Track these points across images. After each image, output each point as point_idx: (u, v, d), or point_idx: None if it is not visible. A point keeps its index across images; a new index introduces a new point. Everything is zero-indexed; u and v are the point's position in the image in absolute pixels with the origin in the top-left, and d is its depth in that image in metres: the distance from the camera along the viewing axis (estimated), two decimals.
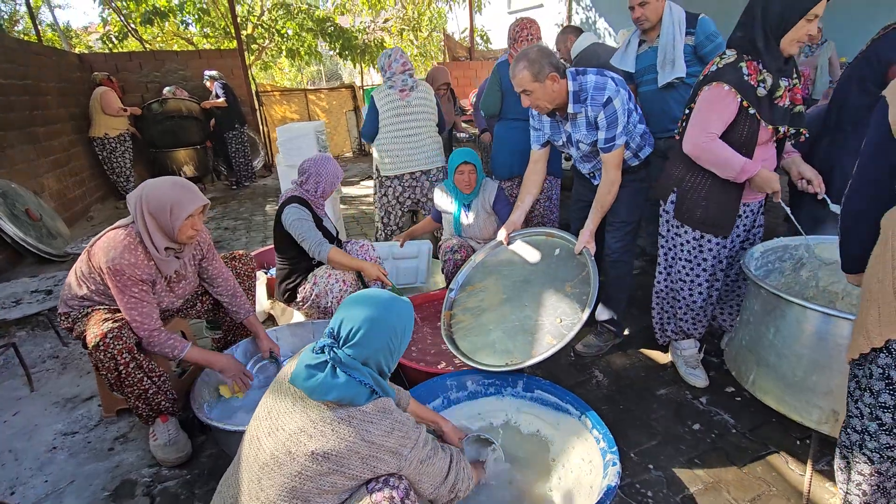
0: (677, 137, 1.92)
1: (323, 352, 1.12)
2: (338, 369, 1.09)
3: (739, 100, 1.66)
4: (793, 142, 1.83)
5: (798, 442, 1.78)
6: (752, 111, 1.67)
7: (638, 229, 2.29)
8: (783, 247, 1.93)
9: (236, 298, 2.15)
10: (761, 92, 1.66)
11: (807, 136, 1.80)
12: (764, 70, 1.65)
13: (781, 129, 1.73)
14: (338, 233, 2.65)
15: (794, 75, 1.74)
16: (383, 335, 1.13)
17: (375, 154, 3.23)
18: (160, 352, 1.84)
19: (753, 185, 1.76)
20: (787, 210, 1.90)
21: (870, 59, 2.05)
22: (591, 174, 2.25)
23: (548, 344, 1.85)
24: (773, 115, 1.70)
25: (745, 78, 1.65)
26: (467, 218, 2.76)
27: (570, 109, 1.97)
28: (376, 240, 3.42)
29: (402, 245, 3.07)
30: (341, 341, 1.12)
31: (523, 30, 2.81)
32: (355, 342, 1.11)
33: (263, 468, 1.08)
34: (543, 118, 2.15)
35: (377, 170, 3.26)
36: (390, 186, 3.23)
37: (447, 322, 2.18)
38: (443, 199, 2.87)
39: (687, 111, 1.85)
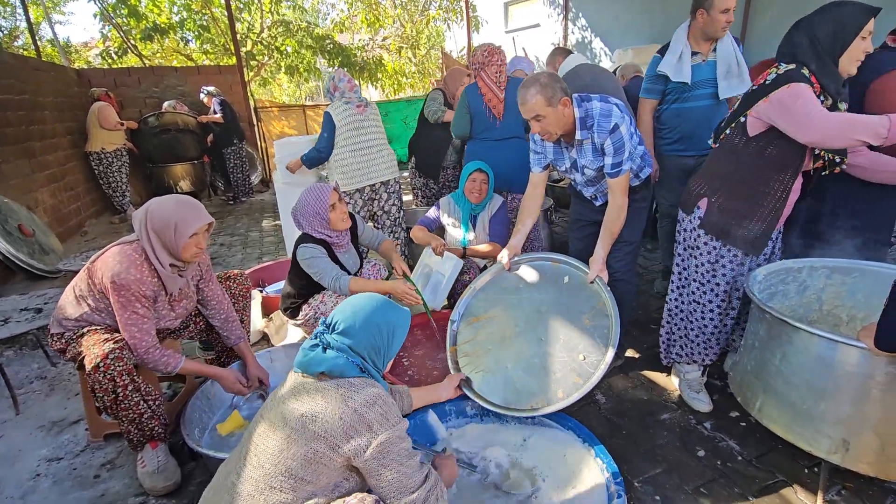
0: (714, 146, 1.89)
1: (316, 338, 1.28)
2: (327, 350, 1.23)
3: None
4: (826, 172, 1.78)
5: (807, 470, 1.73)
6: None
7: (639, 249, 2.27)
8: (786, 269, 1.91)
9: (228, 323, 2.11)
10: (826, 104, 1.62)
11: (845, 167, 1.75)
12: (823, 90, 1.61)
13: (827, 156, 1.70)
14: (362, 258, 2.58)
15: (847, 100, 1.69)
16: (367, 331, 1.27)
17: (326, 172, 3.21)
18: (155, 368, 1.80)
19: None
20: None
21: (851, 83, 2.05)
22: (594, 197, 2.23)
23: (574, 384, 1.78)
24: None
25: (814, 88, 1.60)
26: (472, 232, 2.73)
27: (577, 136, 1.94)
28: None
29: (439, 252, 2.64)
30: (331, 328, 1.28)
31: (493, 55, 2.83)
32: (341, 331, 1.26)
33: (260, 435, 1.20)
34: (546, 143, 2.13)
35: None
36: (349, 202, 3.22)
37: (454, 358, 2.04)
38: (447, 210, 2.82)
39: (742, 119, 1.75)
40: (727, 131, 1.84)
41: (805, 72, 1.61)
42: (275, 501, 1.12)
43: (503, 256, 2.21)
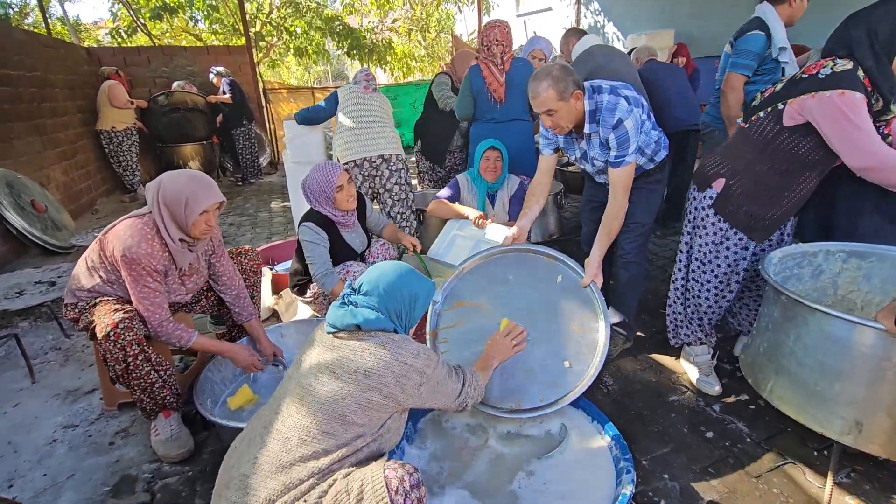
0: (745, 125, 1.82)
1: (344, 299, 1.33)
2: (358, 307, 1.29)
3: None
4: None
5: (816, 453, 1.73)
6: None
7: (651, 232, 2.25)
8: (802, 253, 1.89)
9: (240, 300, 2.12)
10: (876, 106, 1.55)
11: None
12: (875, 89, 1.54)
13: None
14: (370, 238, 2.57)
15: None
16: (391, 296, 1.32)
17: (333, 147, 3.23)
18: (167, 341, 1.82)
19: None
20: None
21: None
22: (607, 183, 2.20)
23: (556, 391, 1.77)
24: None
25: (868, 90, 1.53)
26: (492, 209, 2.71)
27: (586, 129, 1.91)
28: None
29: (481, 224, 2.51)
30: (358, 292, 1.33)
31: (489, 31, 2.80)
32: (367, 293, 1.32)
33: (306, 388, 1.24)
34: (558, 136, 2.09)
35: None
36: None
37: (433, 342, 1.93)
38: (465, 187, 2.79)
39: (781, 106, 1.65)
40: (761, 113, 1.75)
41: (861, 73, 1.53)
42: (325, 445, 1.19)
43: (508, 236, 2.10)
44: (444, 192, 2.82)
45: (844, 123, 1.51)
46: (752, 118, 1.79)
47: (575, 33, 3.44)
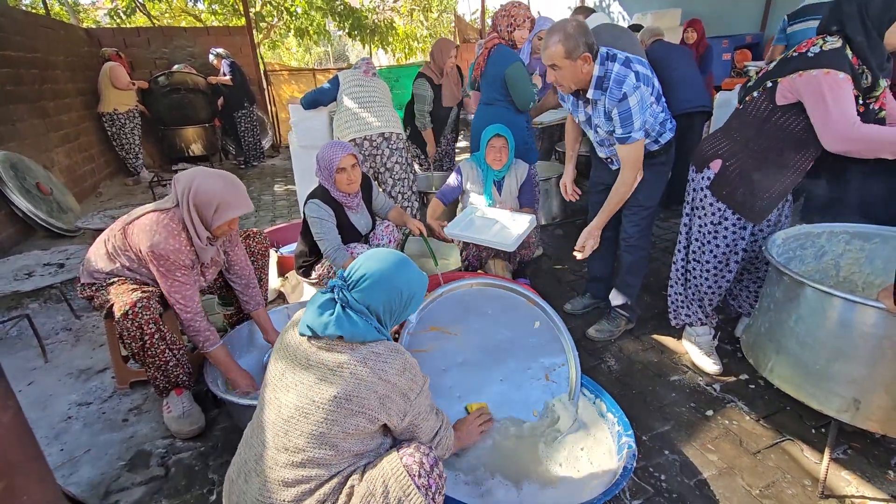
0: (739, 107, 1.83)
1: (332, 291, 1.20)
2: (346, 309, 1.16)
3: (852, 89, 1.54)
4: None
5: (813, 430, 1.77)
6: (860, 101, 1.56)
7: (655, 214, 2.26)
8: (805, 234, 1.90)
9: (249, 289, 2.14)
10: (865, 83, 1.56)
11: None
12: (863, 65, 1.55)
13: None
14: (374, 220, 2.59)
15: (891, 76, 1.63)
16: (386, 291, 1.20)
17: (334, 126, 3.26)
18: (194, 338, 1.84)
19: None
20: None
21: None
22: (609, 160, 2.21)
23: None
24: (864, 116, 1.59)
25: (856, 68, 1.54)
26: (499, 196, 2.71)
27: (589, 94, 1.92)
28: None
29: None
30: (350, 284, 1.20)
31: (520, 17, 2.76)
32: (361, 288, 1.18)
33: (288, 421, 1.12)
34: (567, 95, 2.11)
35: None
36: None
37: None
38: (470, 175, 2.77)
39: (770, 84, 1.69)
40: (754, 94, 1.78)
41: (849, 52, 1.53)
42: (326, 471, 1.12)
43: (566, 185, 2.39)
44: (451, 179, 2.80)
45: (821, 103, 1.55)
46: (747, 98, 1.81)
47: (583, 11, 3.42)
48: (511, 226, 2.50)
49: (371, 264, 1.21)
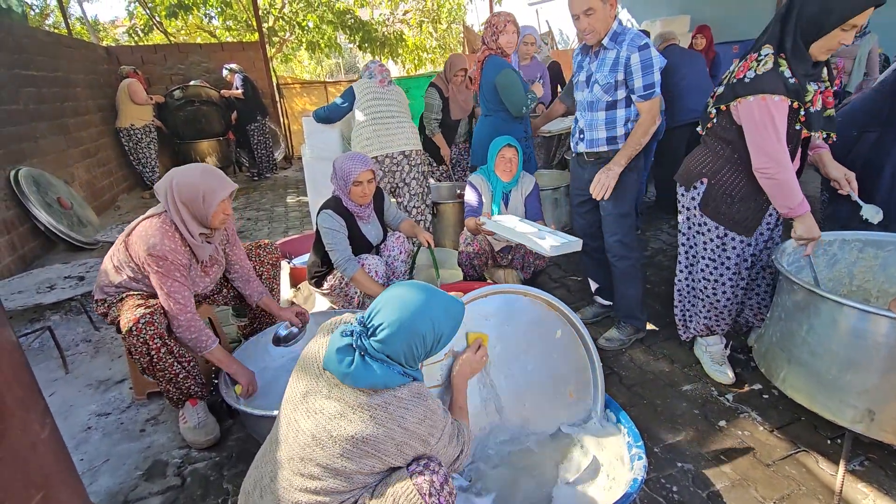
0: (710, 126, 1.86)
1: (351, 335, 1.14)
2: (366, 357, 1.11)
3: (790, 102, 1.59)
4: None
5: (829, 441, 1.75)
6: (802, 111, 1.60)
7: (633, 220, 2.25)
8: (817, 242, 1.88)
9: (249, 282, 2.19)
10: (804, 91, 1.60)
11: (835, 140, 1.75)
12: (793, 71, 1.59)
13: (815, 134, 1.69)
14: (385, 231, 2.61)
15: (825, 78, 1.67)
16: (406, 340, 1.12)
17: (353, 143, 3.23)
18: (191, 340, 1.85)
19: (796, 228, 1.70)
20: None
21: None
22: (581, 135, 2.21)
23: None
24: (807, 119, 1.64)
25: (790, 80, 1.58)
26: (506, 209, 2.71)
27: (604, 42, 1.99)
28: None
29: None
30: (369, 332, 1.14)
31: (500, 22, 2.78)
32: (380, 339, 1.12)
33: (305, 448, 1.12)
34: (576, 55, 2.22)
35: None
36: None
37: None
38: (482, 187, 2.73)
39: (724, 108, 1.75)
40: (714, 119, 1.82)
41: (784, 68, 1.58)
42: (337, 498, 1.12)
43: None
44: (470, 196, 2.76)
45: (754, 128, 1.63)
46: (708, 126, 1.86)
47: None
48: (548, 237, 2.32)
49: (389, 311, 1.13)
